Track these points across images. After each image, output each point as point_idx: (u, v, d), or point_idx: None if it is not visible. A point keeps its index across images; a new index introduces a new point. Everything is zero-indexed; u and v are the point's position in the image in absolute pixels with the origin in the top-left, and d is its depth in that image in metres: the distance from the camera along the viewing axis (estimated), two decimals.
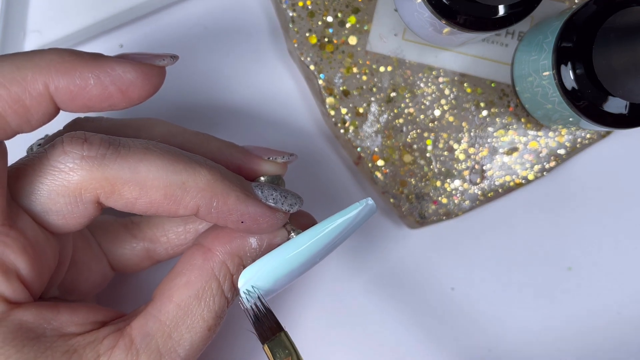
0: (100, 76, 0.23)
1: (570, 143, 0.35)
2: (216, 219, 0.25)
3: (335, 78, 0.34)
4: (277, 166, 0.28)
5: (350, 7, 0.34)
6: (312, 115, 0.36)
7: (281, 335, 0.25)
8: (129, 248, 0.30)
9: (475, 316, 0.37)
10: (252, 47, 0.36)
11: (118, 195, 0.24)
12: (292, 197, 0.26)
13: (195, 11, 0.36)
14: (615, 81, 0.28)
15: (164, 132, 0.27)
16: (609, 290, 0.37)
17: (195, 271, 0.26)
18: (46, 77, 0.22)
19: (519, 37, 0.35)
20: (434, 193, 0.35)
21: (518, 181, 0.35)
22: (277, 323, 0.26)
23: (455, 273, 0.37)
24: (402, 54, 0.34)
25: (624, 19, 0.28)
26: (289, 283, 0.27)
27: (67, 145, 0.23)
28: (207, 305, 0.26)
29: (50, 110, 0.23)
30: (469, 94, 0.35)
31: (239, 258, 0.26)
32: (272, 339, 0.25)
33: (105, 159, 0.23)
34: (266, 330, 0.26)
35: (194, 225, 0.30)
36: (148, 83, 0.24)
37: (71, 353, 0.24)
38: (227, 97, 0.36)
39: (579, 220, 0.37)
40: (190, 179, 0.24)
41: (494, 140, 0.35)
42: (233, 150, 0.28)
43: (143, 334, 0.25)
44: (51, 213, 0.24)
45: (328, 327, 0.36)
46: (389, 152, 0.35)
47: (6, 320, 0.23)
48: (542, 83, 0.31)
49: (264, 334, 0.26)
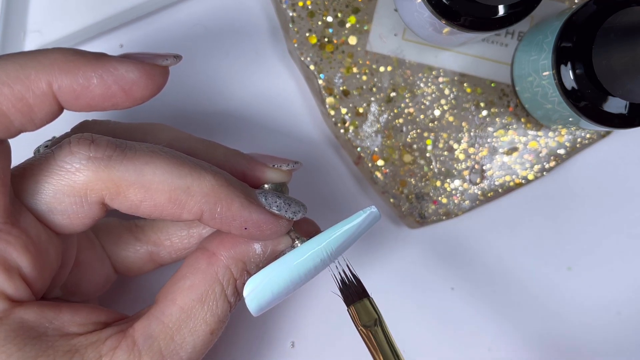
0: (103, 75, 0.23)
1: (570, 143, 0.35)
2: (220, 224, 0.25)
3: (335, 78, 0.34)
4: (282, 174, 0.29)
5: (350, 7, 0.34)
6: (312, 115, 0.36)
7: (365, 301, 0.27)
8: (132, 251, 0.30)
9: (475, 316, 0.37)
10: (252, 47, 0.36)
11: (123, 197, 0.24)
12: (295, 204, 0.27)
13: (195, 11, 0.36)
14: (615, 81, 0.28)
15: (170, 137, 0.27)
16: (609, 290, 0.37)
17: (199, 275, 0.26)
18: (50, 76, 0.22)
19: (519, 37, 0.35)
20: (434, 193, 0.35)
21: (518, 181, 0.35)
22: (363, 289, 0.27)
23: (455, 273, 0.37)
24: (402, 54, 0.35)
25: (624, 19, 0.28)
26: (294, 290, 0.27)
27: (74, 146, 0.24)
28: (210, 309, 0.26)
29: (54, 109, 0.23)
30: (469, 94, 0.35)
31: (242, 263, 0.27)
32: (357, 302, 0.27)
33: (112, 160, 0.24)
34: (352, 294, 0.27)
35: (197, 230, 0.30)
36: (151, 83, 0.24)
37: (73, 353, 0.24)
38: (227, 97, 0.36)
39: (579, 220, 0.37)
40: (195, 184, 0.24)
41: (493, 140, 0.35)
42: (238, 157, 0.28)
43: (146, 335, 0.25)
44: (56, 212, 0.24)
45: (328, 327, 0.36)
46: (389, 152, 0.35)
47: (8, 318, 0.23)
48: (542, 83, 0.31)
49: (349, 298, 0.27)
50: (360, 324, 0.26)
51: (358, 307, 0.27)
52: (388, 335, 0.26)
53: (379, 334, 0.26)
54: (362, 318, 0.26)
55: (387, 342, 0.26)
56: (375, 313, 0.26)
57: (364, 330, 0.26)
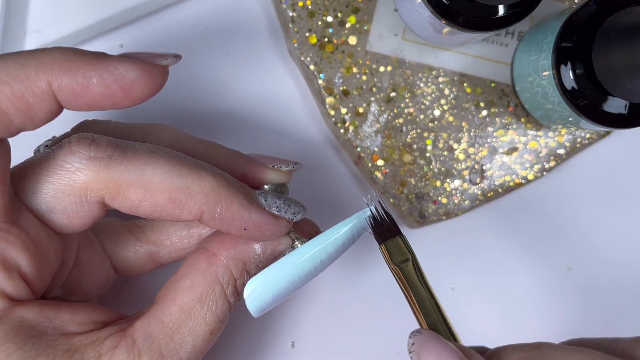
0: (103, 75, 0.23)
1: (570, 143, 0.35)
2: (219, 225, 0.25)
3: (335, 78, 0.34)
4: (282, 174, 0.29)
5: (350, 7, 0.34)
6: (312, 115, 0.36)
7: (398, 239, 0.26)
8: (132, 251, 0.30)
9: (475, 316, 0.37)
10: (252, 47, 0.36)
11: (123, 196, 0.24)
12: (295, 205, 0.27)
13: (195, 11, 0.36)
14: (615, 81, 0.28)
15: (171, 138, 0.28)
16: (609, 290, 0.37)
17: (199, 275, 0.26)
18: (49, 75, 0.23)
19: (519, 37, 0.35)
20: (434, 193, 0.35)
21: (518, 181, 0.35)
22: (396, 226, 0.26)
23: (455, 273, 0.37)
24: (402, 54, 0.35)
25: (624, 19, 0.28)
26: (295, 291, 0.27)
27: (75, 145, 0.24)
28: (210, 308, 0.26)
29: (53, 108, 0.23)
30: (469, 94, 0.35)
31: (242, 263, 0.27)
32: (389, 240, 0.26)
33: (112, 160, 0.24)
34: (385, 232, 0.26)
35: (197, 230, 0.30)
36: (151, 82, 0.24)
37: (72, 352, 0.24)
38: (227, 97, 0.36)
39: (579, 220, 0.37)
40: (195, 184, 0.24)
41: (493, 140, 0.35)
42: (238, 158, 0.28)
43: (145, 335, 0.25)
44: (56, 212, 0.24)
45: (328, 327, 0.36)
46: (388, 152, 0.35)
47: (8, 317, 0.23)
48: (542, 83, 0.31)
49: (381, 235, 0.26)
50: (392, 262, 0.26)
51: (390, 245, 0.26)
52: (421, 272, 0.26)
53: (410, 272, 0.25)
54: (394, 256, 0.26)
55: (419, 280, 0.25)
56: (407, 251, 0.26)
57: (396, 267, 0.26)
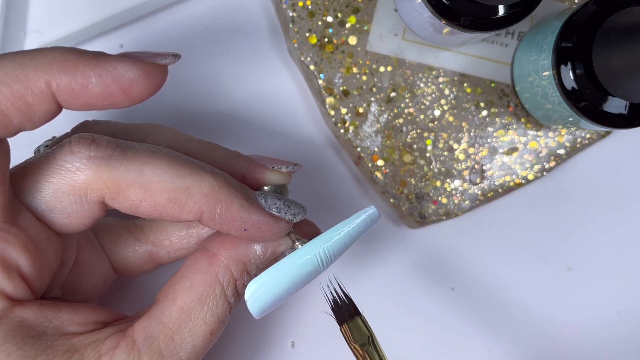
0: (102, 74, 0.23)
1: (570, 143, 0.35)
2: (219, 225, 0.25)
3: (335, 78, 0.34)
4: (282, 175, 0.29)
5: (350, 7, 0.34)
6: (312, 115, 0.36)
7: (357, 319, 0.27)
8: (131, 250, 0.30)
9: (475, 316, 0.37)
10: (252, 47, 0.36)
11: (123, 196, 0.24)
12: (295, 206, 0.27)
13: (195, 11, 0.36)
14: (615, 81, 0.28)
15: (171, 138, 0.28)
16: (609, 290, 0.37)
17: (199, 275, 0.26)
18: (48, 75, 0.23)
19: (519, 37, 0.35)
20: (434, 193, 0.35)
21: (518, 181, 0.35)
22: (355, 307, 0.27)
23: (455, 273, 0.37)
24: (402, 54, 0.35)
25: (624, 19, 0.28)
26: (295, 292, 0.27)
27: (75, 145, 0.24)
28: (210, 309, 0.26)
29: (53, 108, 0.23)
30: (469, 94, 0.35)
31: (243, 264, 0.27)
32: (350, 321, 0.27)
33: (112, 160, 0.24)
34: (344, 313, 0.27)
35: (196, 230, 0.30)
36: (150, 82, 0.24)
37: (72, 352, 0.24)
38: (227, 97, 0.36)
39: (579, 220, 0.37)
40: (195, 184, 0.24)
41: (493, 140, 0.35)
42: (238, 159, 0.28)
43: (145, 335, 0.25)
44: (56, 211, 0.24)
45: (328, 327, 0.36)
46: (389, 152, 0.35)
47: (7, 317, 0.23)
48: (542, 83, 0.31)
49: (341, 317, 0.27)
50: (353, 342, 0.26)
51: (350, 326, 0.27)
52: (381, 353, 0.27)
53: (372, 353, 0.26)
54: (354, 336, 0.27)
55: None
56: (367, 331, 0.27)
57: (357, 348, 0.26)
